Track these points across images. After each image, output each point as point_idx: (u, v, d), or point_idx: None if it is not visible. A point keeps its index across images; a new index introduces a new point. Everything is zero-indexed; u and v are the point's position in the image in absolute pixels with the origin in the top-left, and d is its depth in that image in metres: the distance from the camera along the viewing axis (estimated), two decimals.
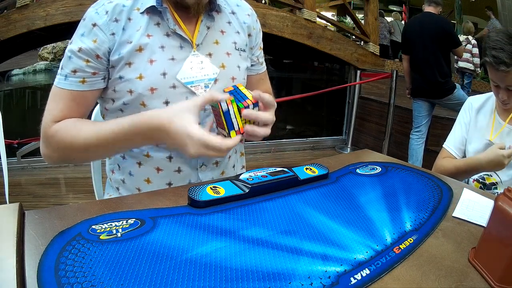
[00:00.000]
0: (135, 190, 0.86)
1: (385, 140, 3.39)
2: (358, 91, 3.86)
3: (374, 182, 0.82)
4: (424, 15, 2.88)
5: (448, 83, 2.79)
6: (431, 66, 2.77)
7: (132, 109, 0.79)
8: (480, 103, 1.30)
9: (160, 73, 0.78)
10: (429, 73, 2.79)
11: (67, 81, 0.77)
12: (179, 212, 0.63)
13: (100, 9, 0.77)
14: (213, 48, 0.85)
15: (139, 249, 0.51)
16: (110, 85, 0.80)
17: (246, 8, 0.94)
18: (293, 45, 3.71)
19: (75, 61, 0.76)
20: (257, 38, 0.96)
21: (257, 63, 0.98)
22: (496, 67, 1.06)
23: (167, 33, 0.80)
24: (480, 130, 1.27)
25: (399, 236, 0.60)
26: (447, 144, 1.35)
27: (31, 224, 0.56)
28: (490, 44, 1.07)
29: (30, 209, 0.61)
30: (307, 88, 5.38)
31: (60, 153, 0.77)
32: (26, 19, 2.73)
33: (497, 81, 1.11)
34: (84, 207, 0.63)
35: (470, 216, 0.69)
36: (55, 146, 0.76)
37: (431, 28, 2.74)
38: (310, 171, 0.81)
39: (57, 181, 2.76)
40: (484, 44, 1.13)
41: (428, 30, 2.75)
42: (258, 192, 0.71)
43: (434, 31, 2.72)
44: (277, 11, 3.50)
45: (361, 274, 0.49)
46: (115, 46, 0.77)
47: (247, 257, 0.51)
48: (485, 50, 1.10)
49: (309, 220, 0.63)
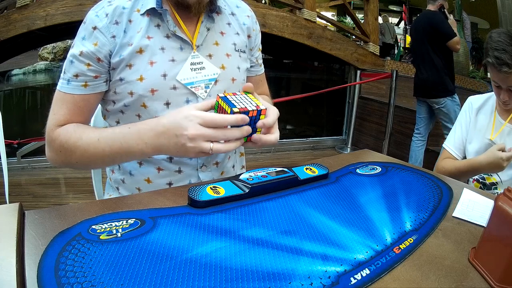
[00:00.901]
0: (135, 190, 0.86)
1: (385, 140, 3.39)
2: (358, 91, 3.86)
3: (374, 182, 0.82)
4: (422, 13, 2.90)
5: (441, 84, 2.68)
6: (424, 63, 2.76)
7: (133, 111, 0.80)
8: (480, 103, 1.30)
9: (161, 75, 0.78)
10: (422, 70, 2.79)
11: (69, 86, 0.77)
12: (179, 212, 0.63)
13: (100, 12, 0.77)
14: (213, 49, 0.85)
15: (139, 249, 0.51)
16: (111, 87, 0.80)
17: (245, 9, 0.94)
18: (293, 45, 3.71)
19: (77, 65, 0.76)
20: (256, 39, 0.96)
21: (256, 64, 0.98)
22: (498, 68, 1.06)
23: (167, 34, 0.80)
24: (480, 130, 1.27)
25: (399, 236, 0.60)
26: (447, 144, 1.35)
27: (31, 224, 0.56)
28: (492, 45, 1.07)
29: (30, 209, 0.61)
30: (307, 88, 5.38)
31: (62, 157, 0.77)
32: (26, 19, 2.73)
33: (498, 82, 1.11)
34: (84, 207, 0.63)
35: (470, 216, 0.69)
36: (57, 150, 0.77)
37: (422, 24, 2.76)
38: (310, 171, 0.81)
39: (57, 181, 2.76)
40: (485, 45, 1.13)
41: (421, 26, 2.77)
42: (258, 192, 0.71)
43: (423, 26, 2.73)
44: (277, 11, 3.50)
45: (361, 274, 0.49)
46: (116, 49, 0.77)
47: (247, 257, 0.51)
48: (487, 51, 1.10)
49: (309, 220, 0.63)
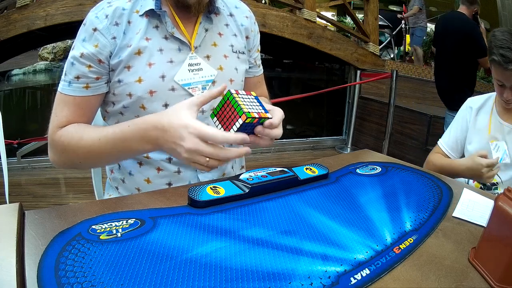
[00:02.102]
0: (135, 190, 0.86)
1: (385, 140, 3.39)
2: (358, 91, 3.86)
3: (374, 182, 0.82)
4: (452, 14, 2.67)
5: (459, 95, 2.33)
6: (445, 70, 2.56)
7: (132, 112, 0.79)
8: (480, 104, 1.30)
9: (159, 76, 0.78)
10: (442, 75, 2.60)
11: (71, 87, 0.77)
12: (179, 212, 0.63)
13: (100, 13, 0.77)
14: (211, 51, 0.85)
15: (139, 249, 0.51)
16: (110, 88, 0.80)
17: (244, 10, 0.94)
18: (293, 45, 3.71)
19: (77, 67, 0.76)
20: (255, 40, 0.96)
21: (255, 65, 0.98)
22: (505, 66, 1.06)
23: (165, 36, 0.80)
24: (479, 130, 1.27)
25: (399, 236, 0.60)
26: (441, 141, 1.36)
27: (31, 224, 0.56)
28: (497, 43, 1.07)
29: (30, 209, 0.61)
30: (307, 88, 5.38)
31: (64, 158, 0.78)
32: (26, 19, 2.73)
33: (503, 80, 1.11)
34: (84, 207, 0.63)
35: (470, 216, 0.69)
36: (60, 151, 0.77)
37: (454, 30, 2.48)
38: (310, 171, 0.81)
39: (57, 181, 2.76)
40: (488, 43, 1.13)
41: (451, 31, 2.49)
42: (258, 192, 0.71)
43: (455, 30, 2.46)
44: (277, 11, 3.50)
45: (361, 274, 0.49)
46: (115, 50, 0.77)
47: (247, 257, 0.51)
48: (491, 49, 1.10)
49: (309, 220, 0.63)
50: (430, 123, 3.13)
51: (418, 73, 4.42)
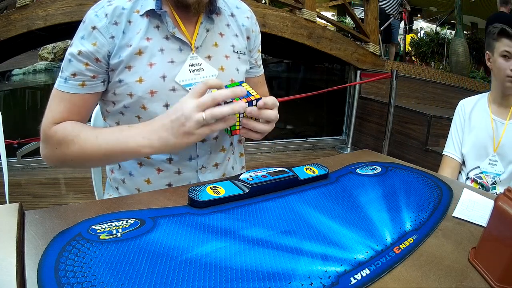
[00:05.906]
0: (135, 190, 0.86)
1: (385, 140, 3.39)
2: (358, 91, 3.86)
3: (374, 182, 0.82)
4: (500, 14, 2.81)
5: None
6: None
7: (133, 112, 0.79)
8: (472, 104, 1.31)
9: (160, 76, 0.78)
10: None
11: (67, 84, 0.77)
12: (179, 212, 0.63)
13: (99, 11, 0.77)
14: (212, 51, 0.85)
15: (139, 249, 0.51)
16: (110, 88, 0.80)
17: (245, 10, 0.94)
18: (293, 45, 3.71)
19: (75, 64, 0.76)
20: (256, 40, 0.96)
21: (255, 65, 0.98)
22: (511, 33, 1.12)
23: (166, 36, 0.79)
24: (473, 130, 1.27)
25: (399, 236, 0.60)
26: (446, 150, 1.35)
27: (31, 224, 0.56)
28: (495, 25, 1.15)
29: (30, 209, 0.61)
30: (307, 88, 5.37)
31: (57, 155, 0.77)
32: (26, 19, 2.73)
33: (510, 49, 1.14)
34: (84, 207, 0.63)
35: (470, 216, 0.69)
36: (53, 147, 0.76)
37: None
38: (310, 171, 0.81)
39: (57, 181, 2.76)
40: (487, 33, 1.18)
41: None
42: (258, 192, 0.71)
43: None
44: (277, 11, 3.50)
45: (361, 274, 0.49)
46: (115, 50, 0.76)
47: (247, 257, 0.51)
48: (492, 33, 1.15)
49: (309, 220, 0.63)
50: (430, 123, 3.13)
51: (418, 73, 4.42)
